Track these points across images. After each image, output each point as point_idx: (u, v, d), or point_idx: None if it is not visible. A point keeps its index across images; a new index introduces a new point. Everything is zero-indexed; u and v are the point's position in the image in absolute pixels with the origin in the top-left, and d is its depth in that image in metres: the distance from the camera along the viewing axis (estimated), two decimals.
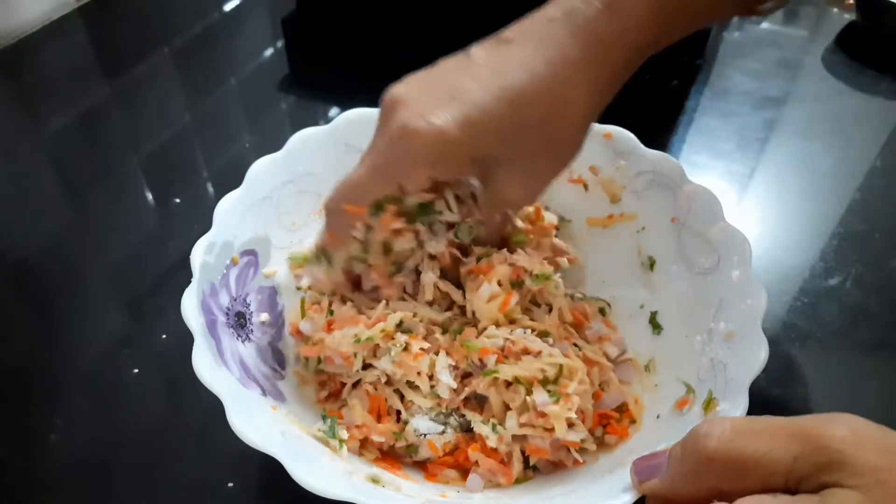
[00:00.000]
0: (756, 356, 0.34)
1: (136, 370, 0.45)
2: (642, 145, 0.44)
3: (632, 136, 0.45)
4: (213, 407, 0.32)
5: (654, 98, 0.68)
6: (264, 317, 0.40)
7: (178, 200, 0.58)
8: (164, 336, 0.47)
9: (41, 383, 0.44)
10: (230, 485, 0.39)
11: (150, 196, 0.59)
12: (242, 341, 0.38)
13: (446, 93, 0.34)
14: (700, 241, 0.41)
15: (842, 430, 0.23)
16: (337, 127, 0.46)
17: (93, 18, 0.80)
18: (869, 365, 0.45)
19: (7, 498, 0.39)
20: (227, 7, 0.83)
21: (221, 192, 0.39)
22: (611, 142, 0.45)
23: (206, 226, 0.37)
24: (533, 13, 0.36)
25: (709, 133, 0.65)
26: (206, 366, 0.33)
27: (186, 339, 0.33)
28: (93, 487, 0.40)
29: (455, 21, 0.75)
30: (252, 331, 0.39)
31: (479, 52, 0.36)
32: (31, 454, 0.41)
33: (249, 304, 0.40)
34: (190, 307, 0.35)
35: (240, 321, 0.38)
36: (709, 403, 0.34)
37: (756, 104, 0.68)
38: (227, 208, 0.40)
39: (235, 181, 0.42)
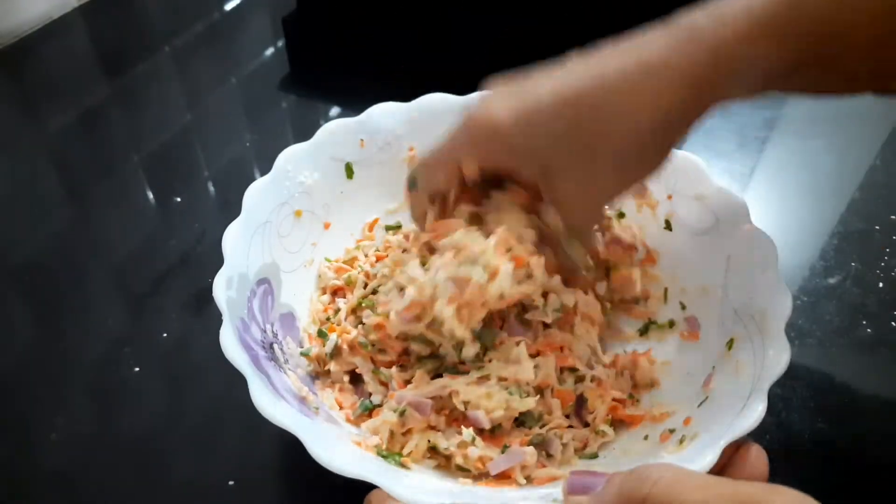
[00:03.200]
0: (785, 299, 0.35)
1: (137, 369, 0.45)
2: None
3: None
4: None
5: None
6: (292, 344, 0.40)
7: (178, 199, 0.58)
8: (164, 335, 0.47)
9: (41, 383, 0.45)
10: (230, 483, 0.39)
11: (150, 195, 0.59)
12: (285, 372, 0.37)
13: (519, 89, 0.35)
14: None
15: (779, 503, 0.23)
16: (320, 140, 0.45)
17: (93, 18, 0.80)
18: (868, 363, 0.45)
19: (7, 498, 0.39)
20: (228, 7, 0.83)
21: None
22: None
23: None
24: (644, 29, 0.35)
25: (708, 132, 0.65)
26: (270, 403, 0.31)
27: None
28: (93, 487, 0.40)
29: (455, 21, 0.75)
30: (287, 360, 0.38)
31: (572, 57, 0.35)
32: (31, 454, 0.41)
33: (277, 334, 0.39)
34: (232, 347, 0.33)
35: (274, 352, 0.38)
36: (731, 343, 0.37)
37: (756, 103, 0.68)
38: (235, 239, 0.39)
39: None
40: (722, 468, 0.31)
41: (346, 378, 0.40)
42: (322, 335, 0.41)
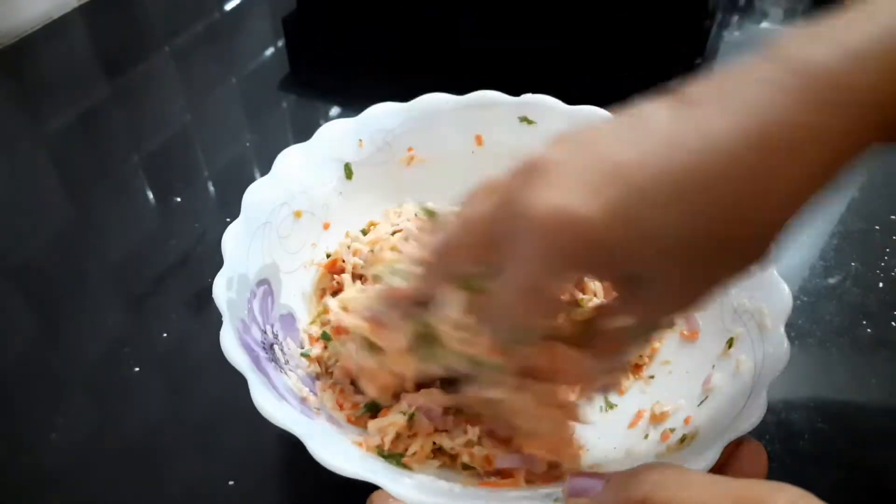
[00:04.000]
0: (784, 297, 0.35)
1: (137, 369, 0.45)
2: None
3: None
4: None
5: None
6: (292, 345, 0.40)
7: (178, 199, 0.58)
8: (164, 335, 0.47)
9: (41, 383, 0.45)
10: (230, 483, 0.39)
11: (150, 195, 0.59)
12: (285, 373, 0.37)
13: (606, 170, 0.25)
14: None
15: (782, 501, 0.22)
16: (319, 141, 0.45)
17: (93, 18, 0.80)
18: (868, 364, 0.45)
19: (7, 498, 0.39)
20: (228, 7, 0.83)
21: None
22: None
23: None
24: (732, 66, 0.26)
25: None
26: (271, 404, 0.31)
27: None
28: (93, 487, 0.40)
29: (456, 22, 0.75)
30: (287, 361, 0.38)
31: (655, 112, 0.26)
32: (32, 454, 0.41)
33: (277, 335, 0.39)
34: (233, 348, 0.33)
35: (275, 353, 0.38)
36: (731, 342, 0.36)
37: None
38: (235, 240, 0.39)
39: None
40: (721, 465, 0.31)
41: (349, 380, 0.40)
42: (326, 337, 0.41)
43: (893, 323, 0.47)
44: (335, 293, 0.44)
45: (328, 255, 0.45)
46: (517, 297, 0.27)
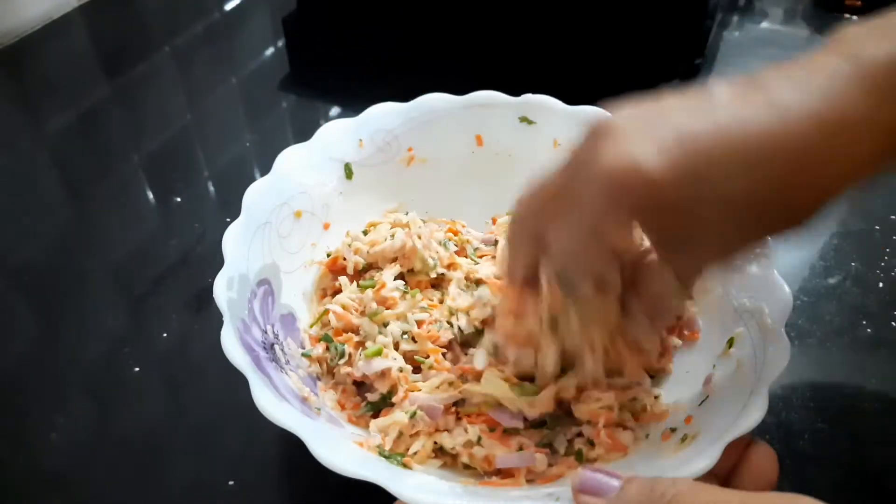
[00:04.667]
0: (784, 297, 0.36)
1: (137, 369, 0.45)
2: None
3: None
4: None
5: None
6: (293, 345, 0.40)
7: (178, 199, 0.58)
8: (164, 335, 0.47)
9: (41, 383, 0.45)
10: (230, 483, 0.39)
11: (150, 195, 0.59)
12: (286, 373, 0.37)
13: (674, 133, 0.27)
14: None
15: None
16: (319, 141, 0.45)
17: (93, 18, 0.80)
18: (868, 364, 0.45)
19: (7, 498, 0.39)
20: (228, 7, 0.83)
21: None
22: None
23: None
24: (799, 58, 0.28)
25: None
26: (272, 404, 0.31)
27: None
28: (93, 487, 0.40)
29: (455, 22, 0.75)
30: (288, 361, 0.38)
31: (723, 90, 0.28)
32: (31, 454, 0.41)
33: (278, 335, 0.39)
34: (233, 348, 0.33)
35: (276, 353, 0.38)
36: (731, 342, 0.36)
37: None
38: (235, 240, 0.39)
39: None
40: (732, 469, 0.31)
41: (350, 380, 0.40)
42: (328, 340, 0.41)
43: (893, 323, 0.47)
44: (336, 293, 0.44)
45: (329, 255, 0.45)
46: (579, 236, 0.29)
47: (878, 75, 0.26)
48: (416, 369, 0.39)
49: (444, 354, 0.40)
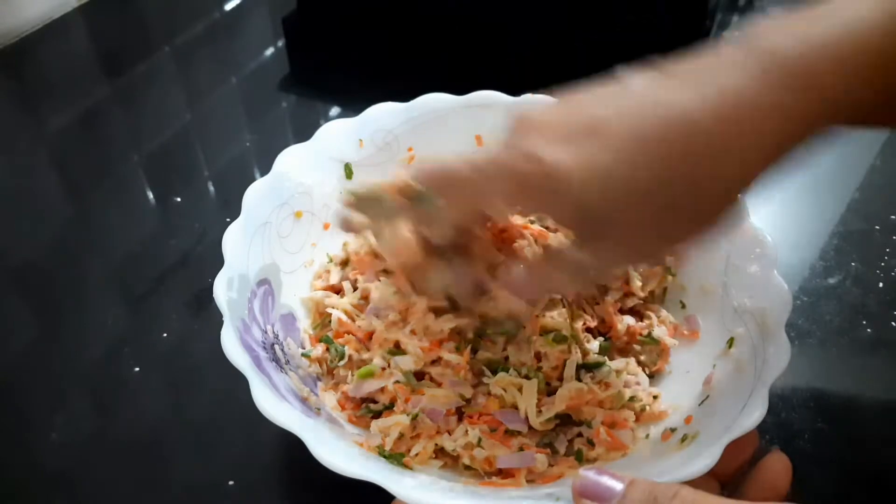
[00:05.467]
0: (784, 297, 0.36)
1: (137, 369, 0.45)
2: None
3: None
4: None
5: None
6: (293, 345, 0.40)
7: (178, 199, 0.58)
8: (164, 335, 0.47)
9: (41, 383, 0.45)
10: (230, 483, 0.39)
11: (150, 195, 0.59)
12: (286, 373, 0.37)
13: (585, 124, 0.29)
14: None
15: None
16: (318, 141, 0.45)
17: (93, 18, 0.80)
18: (868, 364, 0.45)
19: (7, 498, 0.39)
20: (228, 6, 0.83)
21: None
22: None
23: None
24: (708, 49, 0.30)
25: None
26: (272, 404, 0.31)
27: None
28: (93, 487, 0.40)
29: (455, 22, 0.75)
30: (288, 361, 0.38)
31: (636, 80, 0.30)
32: (31, 454, 0.41)
33: (278, 335, 0.39)
34: (233, 348, 0.33)
35: (276, 353, 0.38)
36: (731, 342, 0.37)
37: None
38: (235, 240, 0.39)
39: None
40: (737, 471, 0.31)
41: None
42: (328, 341, 0.41)
43: (893, 323, 0.47)
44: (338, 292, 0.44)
45: (329, 257, 0.45)
46: (462, 191, 0.32)
47: (784, 65, 0.27)
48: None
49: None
